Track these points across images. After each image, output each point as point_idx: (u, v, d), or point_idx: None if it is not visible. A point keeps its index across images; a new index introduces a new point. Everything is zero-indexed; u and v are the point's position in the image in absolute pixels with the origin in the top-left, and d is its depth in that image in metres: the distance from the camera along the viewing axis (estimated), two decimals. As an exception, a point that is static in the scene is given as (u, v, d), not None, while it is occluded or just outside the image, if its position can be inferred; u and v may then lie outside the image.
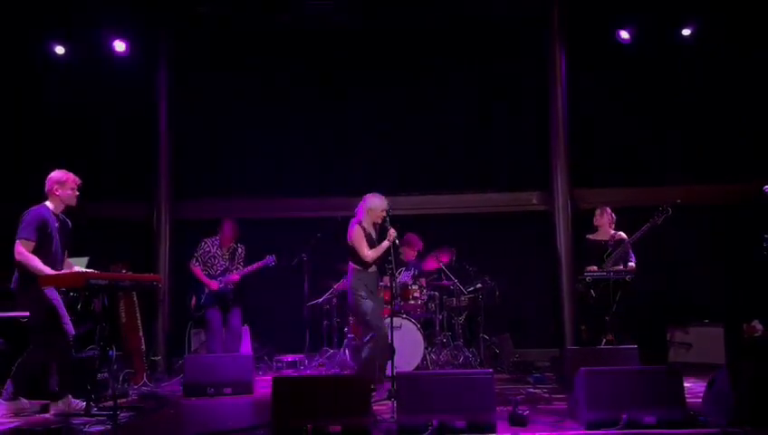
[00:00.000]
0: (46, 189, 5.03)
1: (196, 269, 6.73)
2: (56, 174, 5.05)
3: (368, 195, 5.68)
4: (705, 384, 4.36)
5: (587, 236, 6.98)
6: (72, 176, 5.07)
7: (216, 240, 6.83)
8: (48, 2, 7.61)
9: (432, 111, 8.66)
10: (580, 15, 8.12)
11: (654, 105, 8.32)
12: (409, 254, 7.47)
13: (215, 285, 6.66)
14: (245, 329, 7.24)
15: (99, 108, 8.37)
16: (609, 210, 6.86)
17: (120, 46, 8.02)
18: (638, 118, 8.34)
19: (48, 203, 5.01)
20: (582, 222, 7.64)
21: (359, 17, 8.27)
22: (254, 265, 6.78)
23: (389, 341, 5.12)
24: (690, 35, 7.93)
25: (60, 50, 8.00)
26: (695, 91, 8.20)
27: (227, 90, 8.55)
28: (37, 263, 4.75)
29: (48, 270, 4.75)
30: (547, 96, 8.19)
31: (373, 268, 5.62)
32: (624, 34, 7.94)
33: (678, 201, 6.61)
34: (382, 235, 5.58)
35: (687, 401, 4.09)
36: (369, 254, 5.49)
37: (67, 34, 8.00)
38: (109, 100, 8.32)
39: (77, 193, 5.08)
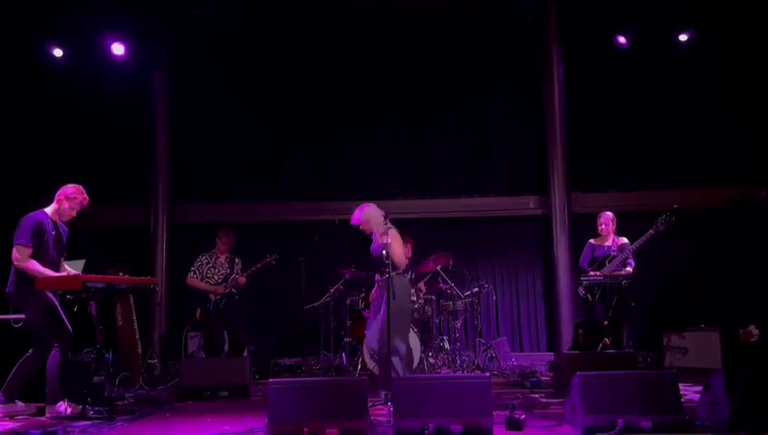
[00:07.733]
0: (56, 196, 5.01)
1: (194, 281, 6.70)
2: (71, 190, 5.03)
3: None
4: (701, 389, 4.37)
5: (590, 241, 6.98)
6: (82, 197, 5.04)
7: (212, 253, 6.82)
8: (47, 5, 7.61)
9: (429, 115, 8.69)
10: (577, 19, 8.15)
11: (652, 109, 8.35)
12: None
13: (220, 289, 6.64)
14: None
15: (97, 111, 8.35)
16: (613, 216, 6.86)
17: (118, 49, 8.01)
18: (636, 122, 8.37)
19: (48, 209, 5.00)
20: (580, 226, 7.66)
21: (359, 19, 8.29)
22: (258, 265, 6.79)
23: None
24: (687, 41, 7.96)
25: (58, 52, 7.98)
26: (692, 96, 8.24)
27: (225, 92, 8.56)
28: (35, 266, 4.75)
29: (47, 272, 4.75)
30: (544, 100, 8.22)
31: None
32: (621, 39, 7.96)
33: (675, 206, 6.63)
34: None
35: (683, 405, 4.09)
36: None
37: (66, 37, 7.99)
38: (107, 103, 8.31)
39: (76, 214, 5.06)
